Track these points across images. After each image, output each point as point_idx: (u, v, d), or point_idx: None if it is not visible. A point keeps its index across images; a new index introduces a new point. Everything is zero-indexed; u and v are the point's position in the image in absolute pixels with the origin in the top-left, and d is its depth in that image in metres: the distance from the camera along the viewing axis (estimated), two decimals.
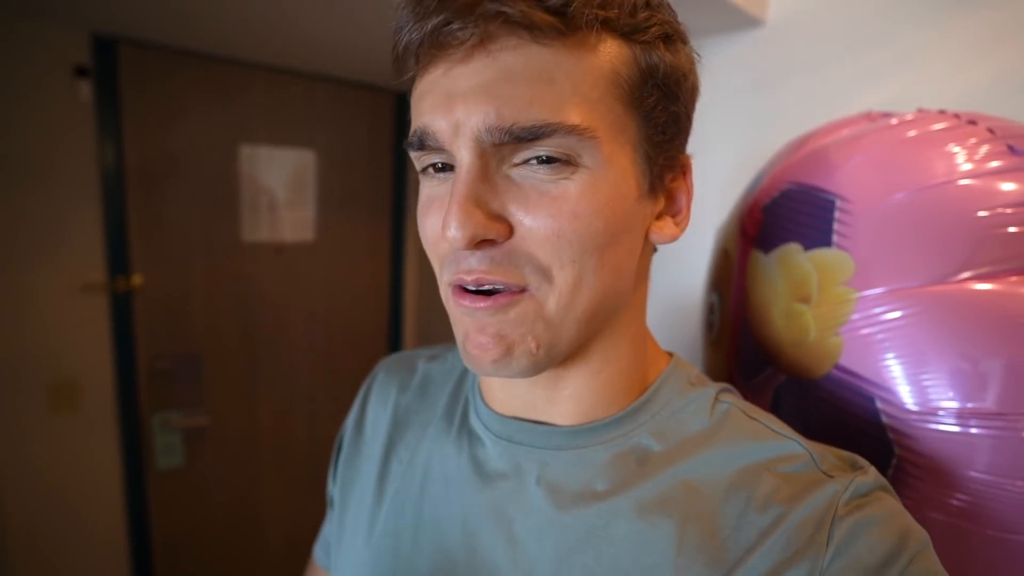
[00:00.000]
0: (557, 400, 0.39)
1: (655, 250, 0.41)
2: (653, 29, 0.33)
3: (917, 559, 0.30)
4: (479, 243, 0.31)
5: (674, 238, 0.38)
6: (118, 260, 1.37)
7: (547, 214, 0.31)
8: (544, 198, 0.31)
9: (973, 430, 0.40)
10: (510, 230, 0.31)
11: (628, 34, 0.32)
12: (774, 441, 0.36)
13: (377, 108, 1.79)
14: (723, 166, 0.96)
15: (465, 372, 0.48)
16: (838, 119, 0.60)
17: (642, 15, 0.32)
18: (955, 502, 0.41)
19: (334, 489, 0.51)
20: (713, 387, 0.40)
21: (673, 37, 0.34)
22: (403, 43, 0.32)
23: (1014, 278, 0.41)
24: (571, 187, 0.31)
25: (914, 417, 0.41)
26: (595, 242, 0.32)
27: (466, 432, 0.43)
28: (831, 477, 0.33)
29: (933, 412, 0.40)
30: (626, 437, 0.38)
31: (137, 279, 1.41)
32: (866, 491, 0.32)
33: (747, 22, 0.92)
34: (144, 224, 1.41)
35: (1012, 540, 0.40)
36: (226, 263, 1.53)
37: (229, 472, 1.58)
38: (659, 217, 0.37)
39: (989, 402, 0.39)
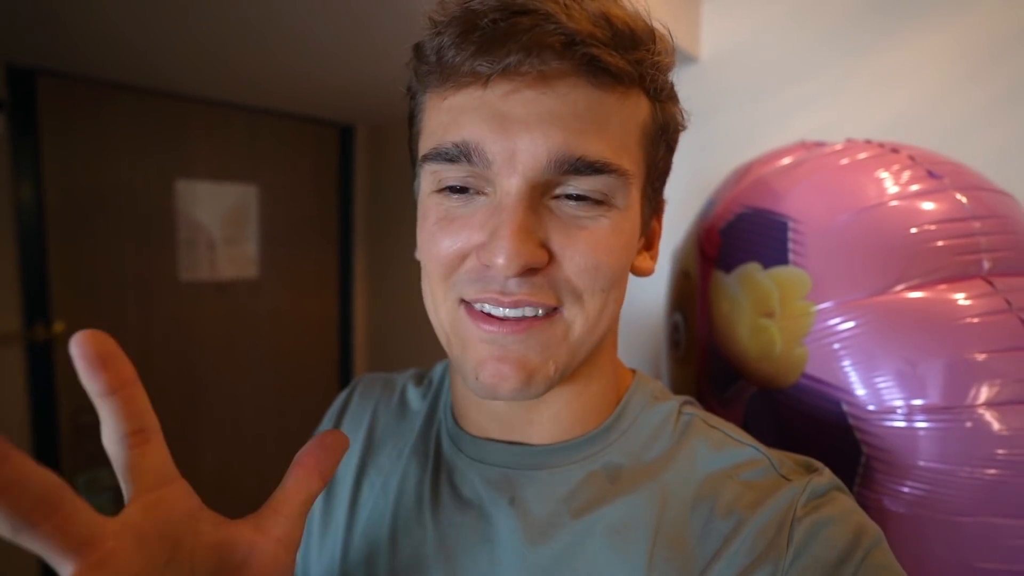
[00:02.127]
0: (537, 420, 0.39)
1: None
2: (667, 90, 0.36)
3: (872, 554, 0.31)
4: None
5: (650, 272, 0.41)
6: (36, 306, 1.26)
7: (587, 247, 0.33)
8: (583, 232, 0.33)
9: (924, 424, 0.44)
10: (550, 258, 0.33)
11: (654, 93, 0.35)
12: (735, 449, 0.37)
13: (321, 142, 1.77)
14: (670, 193, 1.02)
15: (439, 393, 0.48)
16: (776, 148, 0.66)
17: (662, 78, 0.36)
18: (913, 491, 0.44)
19: None
20: (675, 400, 0.42)
21: (675, 97, 0.38)
22: (455, 60, 0.32)
23: (943, 286, 0.46)
24: (605, 223, 0.33)
25: (875, 417, 0.45)
26: (618, 274, 0.35)
27: (440, 455, 0.43)
28: (789, 480, 0.35)
29: (890, 411, 0.44)
30: (599, 455, 0.38)
31: (59, 326, 1.29)
32: (823, 492, 0.34)
33: (682, 59, 1.00)
34: (67, 266, 1.30)
35: (963, 523, 0.44)
36: (162, 304, 1.43)
37: None
38: (639, 253, 0.40)
39: (935, 398, 0.43)
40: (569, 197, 0.33)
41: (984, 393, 0.42)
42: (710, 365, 0.59)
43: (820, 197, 0.50)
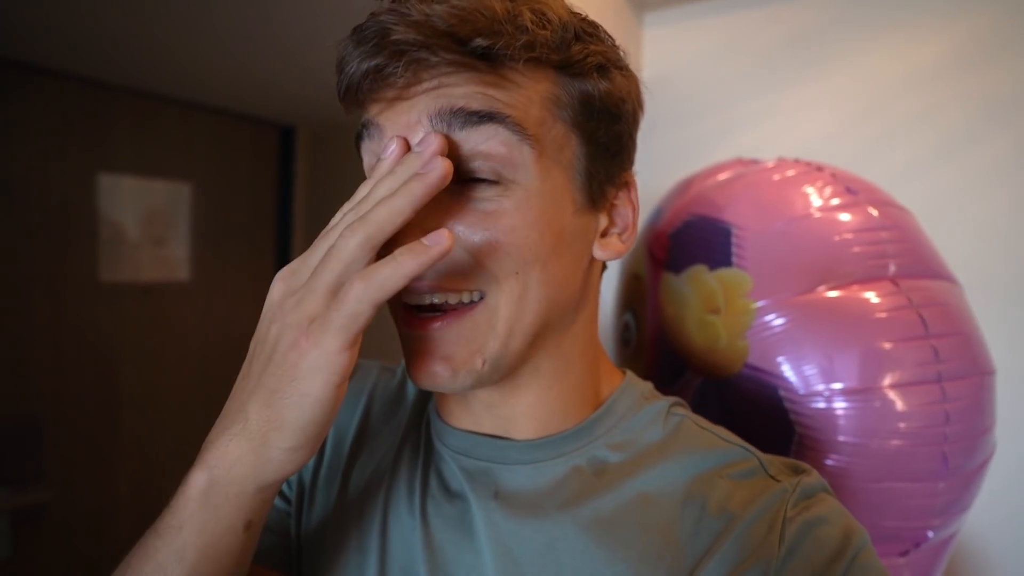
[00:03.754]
0: (512, 416, 0.39)
1: (604, 267, 0.43)
2: (588, 60, 0.35)
3: (860, 555, 0.32)
4: None
5: (620, 254, 0.39)
6: None
7: (484, 228, 0.33)
8: (482, 215, 0.33)
9: (842, 404, 0.51)
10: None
11: (561, 67, 0.35)
12: (725, 449, 0.38)
13: (261, 142, 1.71)
14: None
15: None
16: (715, 164, 0.73)
17: (575, 49, 0.35)
18: (835, 463, 0.51)
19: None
20: (665, 400, 0.42)
21: (607, 66, 0.37)
22: (346, 82, 0.33)
23: (856, 286, 0.54)
24: (506, 203, 0.33)
25: (804, 400, 0.51)
26: (534, 253, 0.34)
27: (430, 446, 0.43)
28: (778, 481, 0.35)
29: (816, 394, 0.51)
30: (584, 450, 0.38)
31: None
32: (812, 492, 0.35)
33: None
34: None
35: (873, 488, 0.51)
36: (79, 306, 1.32)
37: (73, 561, 1.32)
38: (604, 234, 0.39)
39: (851, 382, 0.50)
40: (472, 180, 0.33)
41: (890, 376, 0.50)
42: (660, 360, 0.65)
43: (757, 207, 0.57)
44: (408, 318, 0.35)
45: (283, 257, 1.80)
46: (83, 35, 1.10)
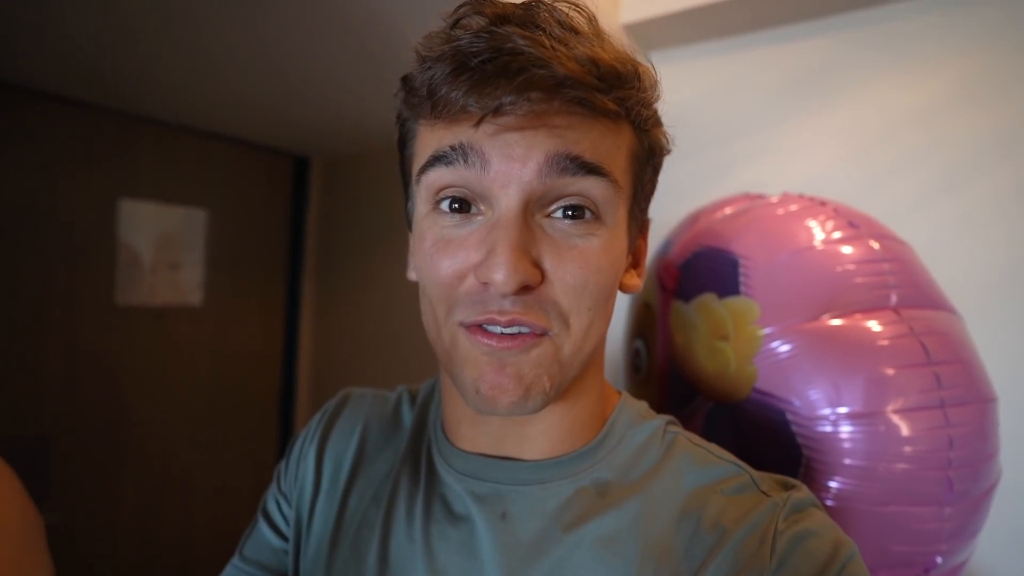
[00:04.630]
0: (529, 436, 0.40)
1: None
2: (652, 119, 0.39)
3: (848, 566, 0.33)
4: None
5: (637, 289, 0.44)
6: None
7: (576, 266, 0.34)
8: (573, 251, 0.34)
9: (848, 428, 0.52)
10: (542, 277, 0.34)
11: (639, 124, 0.38)
12: (718, 466, 0.39)
13: (276, 171, 1.76)
14: None
15: (426, 408, 0.49)
16: (723, 198, 0.76)
17: (650, 111, 0.38)
18: (842, 486, 0.52)
19: (272, 505, 0.49)
20: (660, 419, 0.43)
21: (659, 123, 0.40)
22: (448, 96, 0.32)
23: (859, 315, 0.56)
24: (595, 242, 0.35)
25: (811, 423, 0.53)
26: (606, 293, 0.36)
27: (432, 470, 0.43)
28: (769, 496, 0.37)
29: (822, 418, 0.53)
30: (588, 471, 0.40)
31: None
32: (801, 507, 0.36)
33: None
34: None
35: (881, 512, 0.52)
36: (93, 329, 1.34)
37: None
38: (626, 271, 0.42)
39: (856, 406, 0.52)
40: (564, 215, 0.34)
41: (893, 402, 0.51)
42: (671, 385, 0.66)
43: (763, 239, 0.60)
44: (480, 332, 0.35)
45: (294, 284, 1.82)
46: (108, 67, 1.15)
